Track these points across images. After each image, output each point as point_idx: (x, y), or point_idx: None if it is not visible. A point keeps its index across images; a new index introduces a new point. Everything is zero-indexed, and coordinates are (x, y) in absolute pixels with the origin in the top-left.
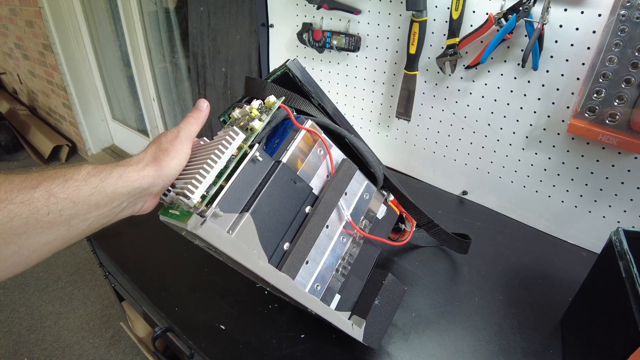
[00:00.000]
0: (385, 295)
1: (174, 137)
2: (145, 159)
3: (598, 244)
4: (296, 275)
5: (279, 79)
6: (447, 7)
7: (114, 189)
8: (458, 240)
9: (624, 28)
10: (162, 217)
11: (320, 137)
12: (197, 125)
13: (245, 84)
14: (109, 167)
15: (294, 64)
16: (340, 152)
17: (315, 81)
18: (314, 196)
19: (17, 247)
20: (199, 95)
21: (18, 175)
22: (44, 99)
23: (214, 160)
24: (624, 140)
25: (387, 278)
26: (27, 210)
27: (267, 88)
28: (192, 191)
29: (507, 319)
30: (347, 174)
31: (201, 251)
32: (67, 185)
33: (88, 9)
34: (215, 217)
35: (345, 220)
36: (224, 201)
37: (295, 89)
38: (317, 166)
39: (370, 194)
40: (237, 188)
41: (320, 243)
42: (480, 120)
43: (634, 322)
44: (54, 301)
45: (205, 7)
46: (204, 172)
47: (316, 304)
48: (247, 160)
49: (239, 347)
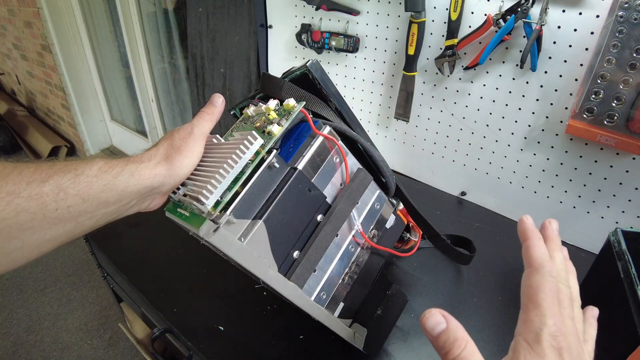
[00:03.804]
0: (388, 305)
1: (187, 135)
2: (157, 156)
3: (596, 244)
4: (304, 285)
5: (297, 79)
6: (445, 8)
7: (125, 186)
8: (463, 254)
9: (622, 29)
10: (168, 214)
11: (337, 144)
12: (212, 122)
13: (262, 81)
14: (121, 163)
15: (315, 65)
16: (356, 161)
17: (333, 84)
18: (327, 204)
19: (20, 242)
20: (198, 96)
21: (28, 167)
22: (43, 100)
23: (231, 165)
24: (622, 141)
25: (391, 288)
26: (35, 205)
27: (285, 88)
28: (206, 197)
29: (506, 320)
30: (362, 184)
31: (200, 252)
32: (78, 180)
33: (87, 10)
34: (229, 224)
35: (356, 229)
36: (238, 208)
37: (313, 90)
38: (331, 174)
39: (382, 203)
40: (252, 194)
41: (329, 252)
42: (478, 121)
43: (632, 322)
44: (53, 302)
45: (204, 8)
46: (220, 178)
47: (320, 313)
48: (264, 166)
49: (237, 348)
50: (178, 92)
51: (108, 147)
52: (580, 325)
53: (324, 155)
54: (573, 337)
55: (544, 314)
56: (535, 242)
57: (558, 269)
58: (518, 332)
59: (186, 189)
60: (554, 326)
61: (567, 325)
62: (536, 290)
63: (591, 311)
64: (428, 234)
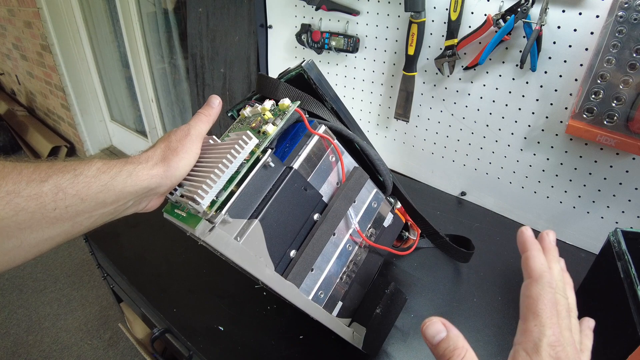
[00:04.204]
0: (387, 304)
1: (183, 136)
2: (154, 157)
3: (596, 244)
4: (301, 284)
5: (293, 79)
6: (445, 9)
7: (123, 187)
8: (462, 251)
9: (621, 29)
10: (166, 215)
11: (333, 144)
12: (208, 123)
13: (257, 82)
14: (119, 164)
15: (310, 65)
16: (352, 159)
17: (329, 84)
18: (323, 203)
19: (19, 241)
20: (198, 96)
21: (27, 166)
22: (42, 100)
23: (226, 165)
24: (622, 141)
25: (389, 287)
26: (34, 204)
27: (280, 88)
28: (201, 196)
29: (506, 320)
30: (358, 182)
31: (200, 252)
32: (77, 180)
33: (86, 10)
34: (224, 223)
35: (353, 228)
36: (233, 207)
37: (309, 90)
38: (327, 173)
39: (379, 202)
40: (247, 194)
41: (327, 251)
42: (478, 121)
43: (632, 322)
44: (52, 302)
45: (204, 8)
46: (215, 178)
47: (319, 312)
48: (259, 166)
49: (237, 349)
50: (178, 93)
51: (108, 147)
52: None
53: (319, 154)
54: (571, 348)
55: (543, 324)
56: (534, 254)
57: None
58: (517, 342)
59: (183, 190)
60: (552, 336)
61: (565, 336)
62: (535, 300)
63: (587, 322)
64: (426, 232)
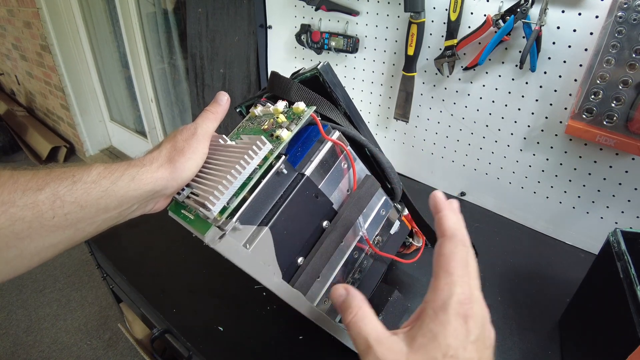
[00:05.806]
0: (389, 311)
1: (190, 135)
2: (159, 158)
3: (596, 244)
4: (308, 292)
5: (307, 80)
6: (445, 9)
7: (125, 192)
8: None
9: (621, 30)
10: (171, 214)
11: (346, 150)
12: (216, 121)
13: (270, 80)
14: (121, 167)
15: (326, 67)
16: (364, 167)
17: (343, 87)
18: (333, 211)
19: (19, 250)
20: (197, 97)
21: (24, 175)
22: (42, 100)
23: (239, 171)
24: (622, 142)
25: (393, 295)
26: (31, 213)
27: (294, 89)
28: (213, 203)
29: (505, 321)
30: (369, 191)
31: (200, 252)
32: (75, 187)
33: (86, 10)
34: (234, 230)
35: (361, 235)
36: (244, 214)
37: (322, 93)
38: (339, 180)
39: (387, 210)
40: (258, 200)
41: (333, 258)
42: (478, 122)
43: (632, 322)
44: (52, 303)
45: (204, 9)
46: (227, 184)
47: (322, 319)
48: (272, 172)
49: (237, 349)
50: (177, 93)
51: (107, 148)
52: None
53: (332, 161)
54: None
55: (454, 282)
56: (447, 214)
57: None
58: (426, 300)
59: (191, 190)
60: (462, 295)
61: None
62: (448, 258)
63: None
64: (432, 241)
